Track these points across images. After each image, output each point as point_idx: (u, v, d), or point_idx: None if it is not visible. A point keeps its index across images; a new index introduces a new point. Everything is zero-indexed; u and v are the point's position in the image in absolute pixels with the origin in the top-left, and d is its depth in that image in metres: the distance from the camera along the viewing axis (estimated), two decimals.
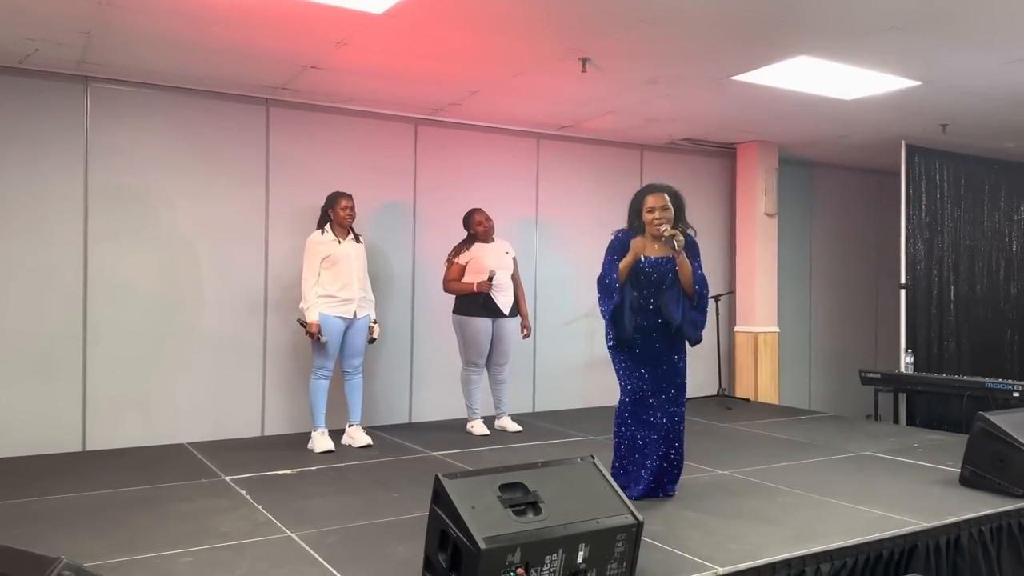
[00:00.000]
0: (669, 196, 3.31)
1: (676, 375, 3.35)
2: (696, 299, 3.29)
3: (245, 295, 4.96)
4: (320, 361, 4.52)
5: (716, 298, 6.30)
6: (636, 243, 3.25)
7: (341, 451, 4.59)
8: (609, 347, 3.35)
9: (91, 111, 4.63)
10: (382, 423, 5.37)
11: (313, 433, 4.61)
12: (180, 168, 4.77)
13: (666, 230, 3.23)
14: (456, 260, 4.97)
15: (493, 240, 5.00)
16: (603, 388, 6.14)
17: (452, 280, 4.96)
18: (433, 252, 5.49)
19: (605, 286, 3.32)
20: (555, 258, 6.10)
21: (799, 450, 4.68)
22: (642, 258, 3.29)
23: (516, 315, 5.03)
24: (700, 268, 3.35)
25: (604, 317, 3.28)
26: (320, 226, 4.58)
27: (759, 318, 6.68)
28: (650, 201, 3.27)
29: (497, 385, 5.15)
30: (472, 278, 4.95)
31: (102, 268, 4.61)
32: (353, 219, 4.57)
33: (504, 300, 4.98)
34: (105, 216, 4.61)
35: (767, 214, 6.68)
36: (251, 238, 4.97)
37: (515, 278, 5.05)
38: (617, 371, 3.38)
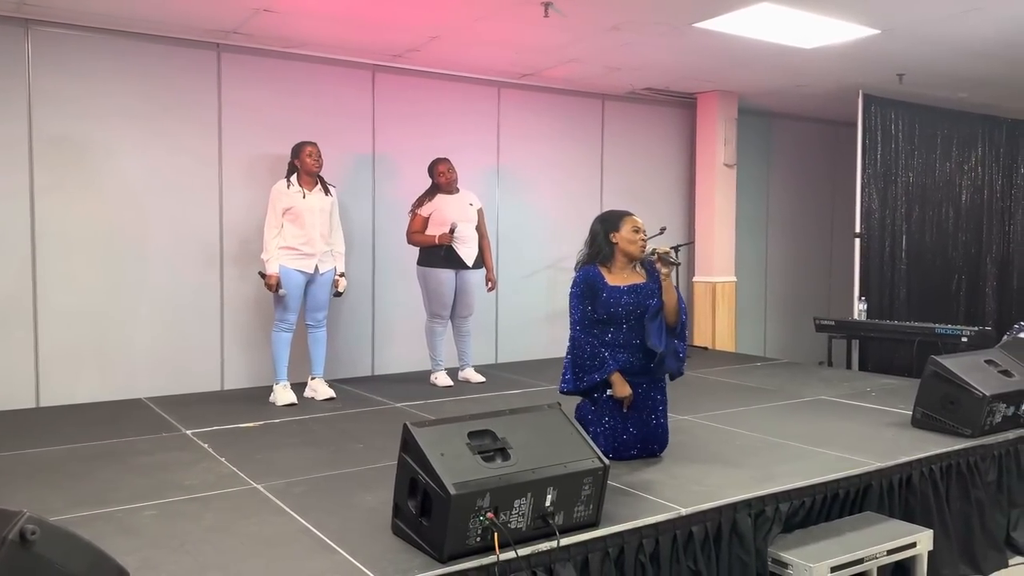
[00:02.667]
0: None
1: (661, 428, 3.17)
2: (680, 325, 3.10)
3: (201, 248, 4.87)
4: (281, 313, 4.47)
5: (676, 248, 6.20)
6: (616, 383, 2.99)
7: (304, 404, 4.53)
8: (565, 392, 3.08)
9: (33, 56, 4.49)
10: (345, 375, 5.34)
11: (275, 386, 4.56)
12: (129, 116, 4.65)
13: (661, 248, 3.09)
14: (419, 212, 4.90)
15: (457, 191, 4.93)
16: (566, 339, 5.97)
17: (415, 232, 4.89)
18: (394, 202, 5.42)
19: (582, 362, 3.05)
20: (517, 207, 6.05)
21: (756, 396, 4.73)
22: (610, 288, 3.09)
23: (480, 267, 5.00)
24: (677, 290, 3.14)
25: (566, 388, 3.02)
26: (288, 176, 4.49)
27: (717, 268, 6.71)
28: (632, 223, 3.11)
29: (461, 337, 5.13)
30: (435, 230, 4.89)
31: (50, 220, 4.50)
32: (320, 167, 4.47)
33: (467, 252, 4.93)
34: (51, 167, 4.51)
35: (726, 164, 6.70)
36: (205, 188, 4.88)
37: (480, 230, 4.98)
38: (582, 421, 3.12)
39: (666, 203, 6.85)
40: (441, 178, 4.94)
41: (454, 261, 4.92)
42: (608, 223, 3.17)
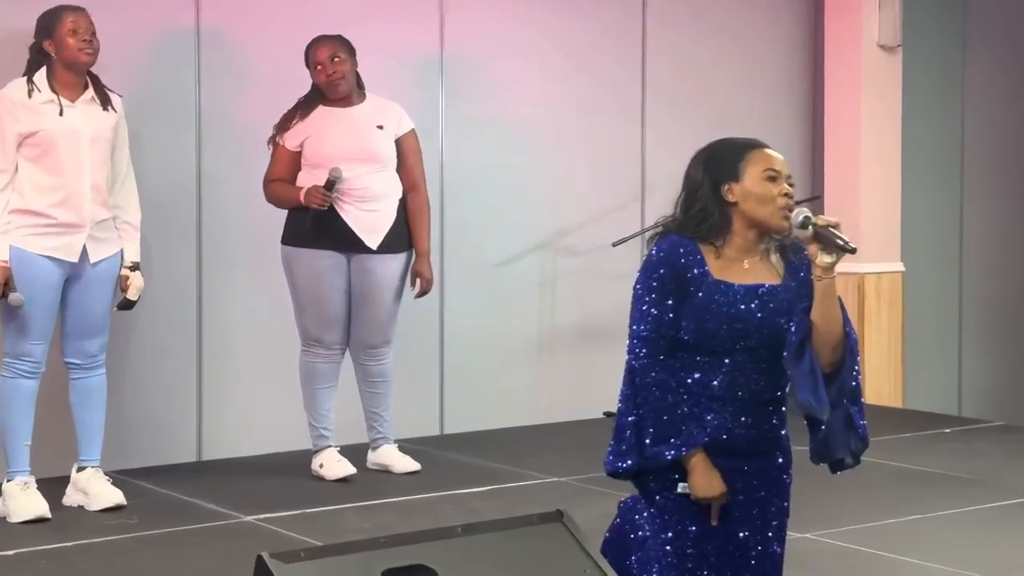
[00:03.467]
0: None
1: (770, 560, 2.93)
2: (856, 374, 2.91)
3: None
4: (16, 343, 4.37)
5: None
6: (698, 471, 2.90)
7: (64, 518, 4.36)
8: (614, 473, 2.94)
9: None
10: (146, 463, 5.11)
11: (6, 486, 4.39)
12: None
13: (803, 213, 2.82)
14: (282, 141, 4.81)
15: (359, 101, 4.84)
16: (571, 386, 5.98)
17: (273, 181, 4.83)
18: (235, 136, 5.29)
19: (647, 416, 2.88)
20: (479, 138, 5.90)
21: (943, 492, 4.62)
22: (713, 285, 2.89)
23: (401, 251, 4.89)
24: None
25: (620, 466, 2.88)
26: (27, 74, 4.39)
27: (869, 246, 6.24)
28: (766, 162, 2.91)
29: (370, 385, 4.97)
30: (309, 178, 4.81)
31: None
32: (94, 59, 4.41)
33: (366, 220, 4.79)
34: None
35: (882, 46, 6.31)
36: None
37: (407, 175, 4.87)
38: (619, 539, 3.03)
39: (765, 124, 6.25)
40: (321, 75, 4.82)
41: (339, 237, 4.80)
42: (718, 165, 2.96)
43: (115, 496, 4.35)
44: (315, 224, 4.78)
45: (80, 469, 4.39)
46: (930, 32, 6.96)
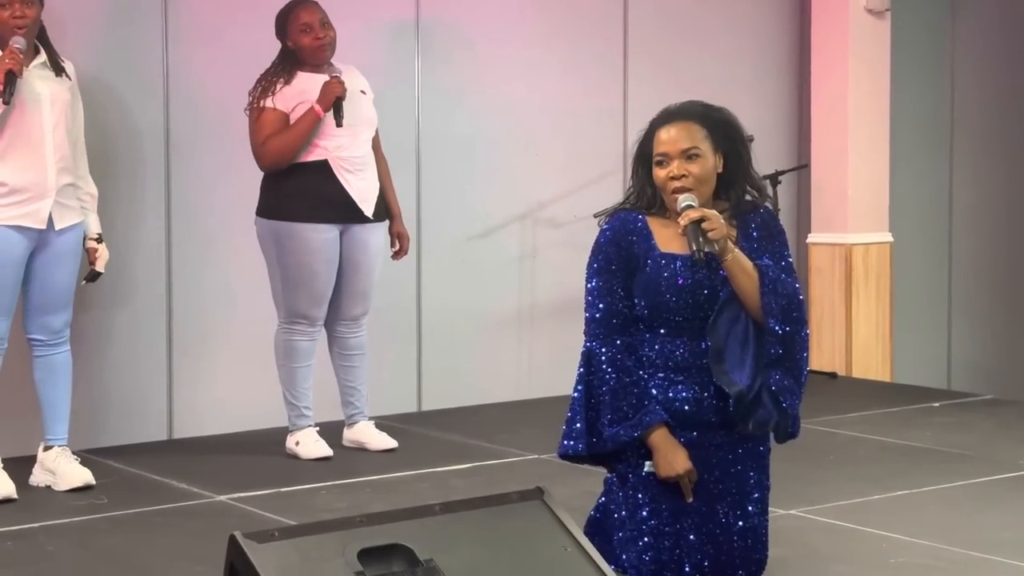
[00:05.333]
0: (701, 124, 3.04)
1: (752, 535, 3.01)
2: (780, 336, 2.97)
3: None
4: None
5: (774, 178, 5.81)
6: (661, 448, 2.95)
7: (31, 498, 4.33)
8: (568, 455, 3.07)
9: None
10: (115, 441, 5.08)
11: None
12: None
13: (688, 212, 2.92)
14: (267, 103, 4.69)
15: (334, 68, 4.75)
16: (552, 361, 5.90)
17: (273, 136, 4.67)
18: (205, 103, 5.21)
19: (603, 399, 2.98)
20: (453, 106, 5.86)
21: (930, 467, 4.61)
22: (659, 256, 3.03)
23: (384, 218, 4.94)
24: (787, 263, 3.12)
25: (571, 448, 3.01)
26: None
27: (855, 217, 6.42)
28: (660, 141, 3.03)
29: (347, 359, 4.93)
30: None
31: None
32: (31, 29, 4.24)
33: (363, 188, 4.79)
34: None
35: (870, 10, 6.31)
36: None
37: (375, 142, 4.93)
38: (600, 519, 3.13)
39: (751, 90, 6.43)
40: (307, 38, 4.73)
41: (339, 208, 4.76)
42: (644, 142, 3.13)
43: (84, 476, 4.34)
44: (327, 184, 4.64)
45: (47, 448, 4.37)
46: None
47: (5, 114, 4.23)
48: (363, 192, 4.77)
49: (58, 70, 4.36)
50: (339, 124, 4.68)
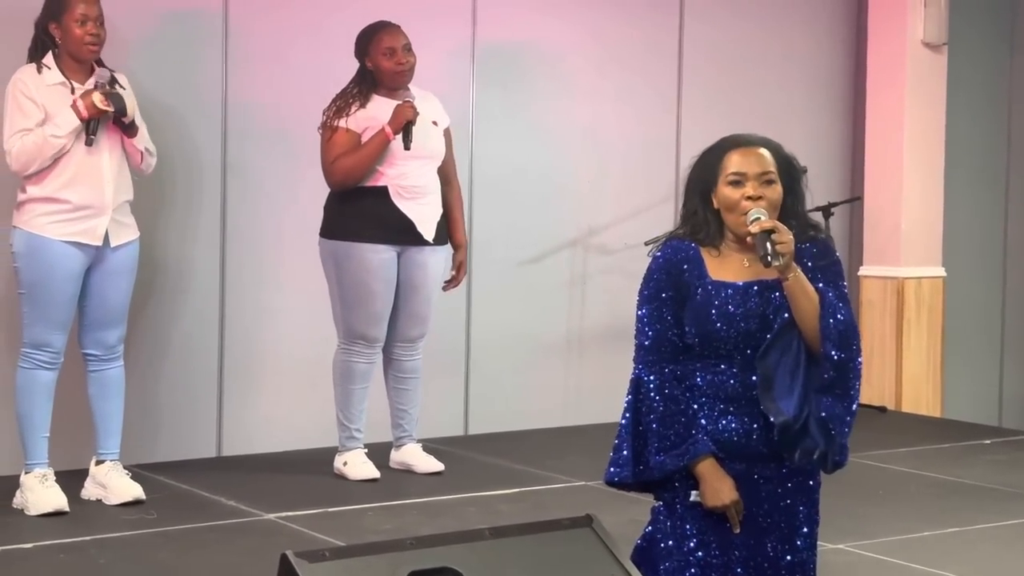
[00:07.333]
0: (772, 153, 2.97)
1: (801, 568, 2.91)
2: (835, 362, 2.87)
3: None
4: (36, 334, 4.32)
5: (826, 210, 5.79)
6: (708, 478, 2.89)
7: (83, 512, 4.33)
8: (613, 483, 2.99)
9: None
10: (166, 457, 5.11)
11: (24, 479, 4.37)
12: None
13: (760, 221, 2.86)
14: (340, 123, 4.71)
15: (401, 92, 4.75)
16: (600, 388, 5.86)
17: (343, 156, 4.70)
18: (262, 125, 5.23)
19: (650, 427, 2.92)
20: (510, 132, 5.86)
21: (982, 504, 4.56)
22: (712, 285, 2.95)
23: (445, 243, 4.94)
24: (842, 293, 2.99)
25: (616, 476, 2.95)
26: (33, 57, 4.35)
27: (910, 250, 6.39)
28: (735, 162, 2.92)
29: (402, 381, 4.94)
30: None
31: None
32: (98, 51, 4.31)
33: (424, 213, 4.81)
34: None
35: (927, 44, 6.31)
36: None
37: (446, 170, 4.92)
38: (647, 548, 3.02)
39: (804, 121, 6.45)
40: (390, 61, 4.75)
41: (396, 230, 4.79)
42: (702, 171, 3.00)
43: (134, 490, 4.35)
44: (384, 206, 4.66)
45: (99, 462, 4.40)
46: (977, 30, 6.89)
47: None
48: (422, 215, 4.80)
49: (112, 84, 4.37)
50: (407, 147, 4.69)
